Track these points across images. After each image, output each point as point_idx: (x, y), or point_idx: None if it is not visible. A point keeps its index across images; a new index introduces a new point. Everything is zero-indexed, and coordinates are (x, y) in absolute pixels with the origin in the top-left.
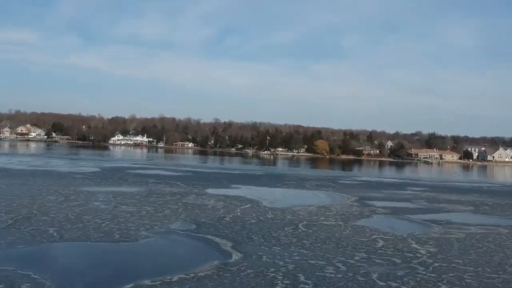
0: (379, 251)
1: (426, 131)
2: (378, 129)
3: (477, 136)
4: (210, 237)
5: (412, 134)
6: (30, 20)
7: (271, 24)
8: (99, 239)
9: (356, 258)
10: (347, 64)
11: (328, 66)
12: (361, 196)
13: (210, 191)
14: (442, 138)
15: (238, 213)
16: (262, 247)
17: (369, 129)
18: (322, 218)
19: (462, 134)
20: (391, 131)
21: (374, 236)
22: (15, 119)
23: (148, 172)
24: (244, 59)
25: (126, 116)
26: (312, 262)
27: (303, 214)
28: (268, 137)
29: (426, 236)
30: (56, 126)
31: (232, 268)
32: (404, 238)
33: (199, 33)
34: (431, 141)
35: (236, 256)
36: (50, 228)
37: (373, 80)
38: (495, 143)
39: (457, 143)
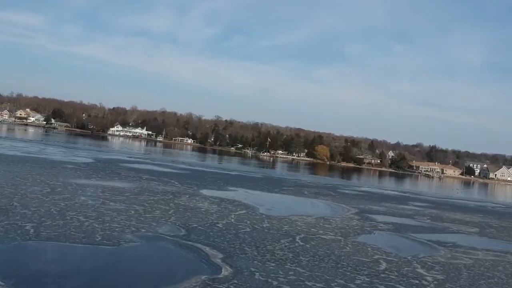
0: (382, 275)
1: (427, 143)
2: (379, 138)
3: (478, 152)
4: (199, 245)
5: (413, 146)
6: (39, 4)
7: (276, 26)
8: (78, 240)
9: (358, 281)
10: (350, 71)
11: (332, 71)
12: (361, 209)
13: (205, 192)
14: (444, 151)
15: (232, 220)
16: (255, 261)
17: (370, 137)
18: (321, 231)
19: (463, 149)
20: (392, 140)
21: (377, 256)
22: (16, 102)
23: (143, 167)
24: (248, 59)
25: (128, 107)
26: (309, 283)
27: (301, 225)
28: (269, 139)
29: (432, 260)
30: (56, 112)
31: (220, 286)
32: (409, 261)
33: (205, 30)
34: (433, 154)
35: (226, 271)
36: (28, 224)
37: (376, 89)
38: (497, 160)
39: (459, 158)
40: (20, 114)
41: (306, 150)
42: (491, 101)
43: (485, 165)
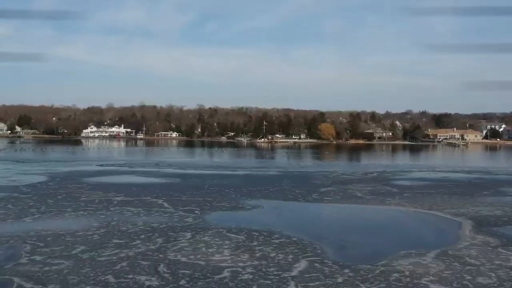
0: None
1: (416, 109)
2: (368, 110)
3: (468, 112)
4: None
5: (403, 113)
6: (5, 12)
7: (250, 9)
8: None
9: None
10: (328, 48)
11: (310, 50)
12: (471, 217)
13: (214, 219)
14: (448, 116)
15: None
16: None
17: (359, 110)
18: None
19: (453, 112)
20: (380, 111)
21: None
22: None
23: (117, 179)
24: (224, 44)
25: (103, 106)
26: None
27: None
28: (265, 123)
29: None
30: (23, 119)
31: None
32: None
33: (178, 19)
34: (443, 119)
35: None
36: None
37: (355, 63)
38: (491, 119)
39: (471, 120)
40: None
41: (306, 131)
42: (467, 64)
43: (503, 126)
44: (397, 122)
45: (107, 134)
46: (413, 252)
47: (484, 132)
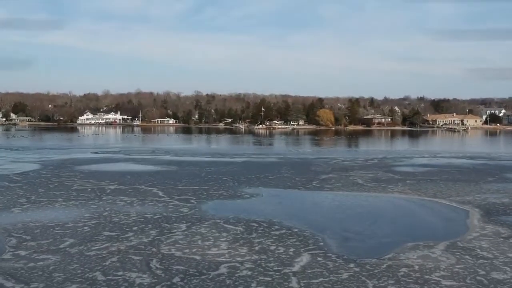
0: None
1: (414, 95)
2: (366, 96)
3: (466, 98)
4: None
5: (401, 99)
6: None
7: None
8: None
9: None
10: (326, 33)
11: (308, 35)
12: (478, 205)
13: (211, 209)
14: (446, 101)
15: None
16: None
17: (356, 96)
18: None
19: (451, 97)
20: (379, 97)
21: None
22: None
23: (111, 166)
24: (222, 31)
25: (99, 93)
26: None
27: (454, 284)
28: (263, 109)
29: None
30: (18, 106)
31: None
32: None
33: (175, 6)
34: (442, 105)
35: None
36: None
37: (354, 49)
38: (489, 104)
39: (470, 106)
40: None
41: (304, 117)
42: (466, 50)
43: (503, 111)
44: (396, 108)
45: (103, 121)
46: (421, 244)
47: (484, 117)
